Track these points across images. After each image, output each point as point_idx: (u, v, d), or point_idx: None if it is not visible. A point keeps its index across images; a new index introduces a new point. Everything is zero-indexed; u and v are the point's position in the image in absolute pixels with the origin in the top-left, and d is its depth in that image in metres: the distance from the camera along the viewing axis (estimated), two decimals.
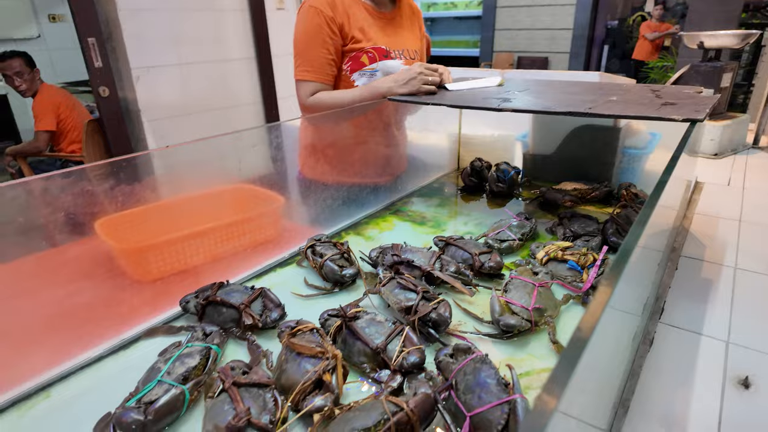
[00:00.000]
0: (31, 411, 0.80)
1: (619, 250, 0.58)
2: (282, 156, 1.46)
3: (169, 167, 1.25)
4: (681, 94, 1.28)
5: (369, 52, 1.55)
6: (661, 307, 1.13)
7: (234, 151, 1.35)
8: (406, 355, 0.82)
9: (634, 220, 0.69)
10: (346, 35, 1.51)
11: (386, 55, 1.57)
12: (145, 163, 1.18)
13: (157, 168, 1.23)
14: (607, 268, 1.09)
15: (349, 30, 1.51)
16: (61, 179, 0.94)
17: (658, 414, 0.83)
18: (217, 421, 0.68)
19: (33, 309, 0.92)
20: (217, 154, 1.32)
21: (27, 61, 3.48)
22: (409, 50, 1.67)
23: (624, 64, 8.72)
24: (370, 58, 1.55)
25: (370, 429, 0.63)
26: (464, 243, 1.20)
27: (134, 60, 3.37)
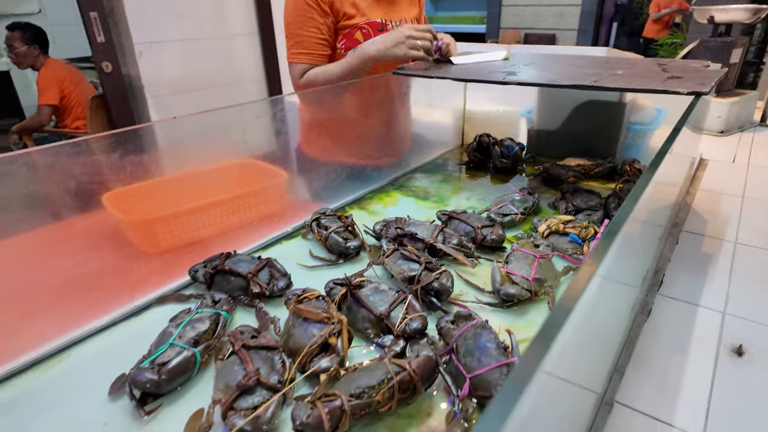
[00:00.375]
0: (49, 372, 0.84)
1: (612, 218, 0.59)
2: (286, 131, 1.47)
3: (174, 141, 1.26)
4: (688, 68, 1.27)
5: (363, 28, 1.50)
6: (660, 279, 1.15)
7: (239, 125, 1.35)
8: (409, 321, 0.84)
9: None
10: (338, 12, 1.47)
11: (381, 29, 1.53)
12: (151, 137, 1.20)
13: (163, 142, 1.24)
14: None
15: (341, 6, 1.47)
16: (71, 149, 0.95)
17: (653, 380, 0.86)
18: (228, 380, 0.71)
19: (45, 277, 0.94)
20: (222, 128, 1.33)
21: (25, 36, 3.48)
22: (407, 20, 1.62)
23: (633, 42, 8.56)
24: (365, 35, 1.51)
25: (374, 387, 0.66)
26: (467, 217, 1.22)
27: (137, 35, 3.34)
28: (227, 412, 0.67)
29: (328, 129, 1.58)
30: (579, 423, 0.73)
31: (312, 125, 1.58)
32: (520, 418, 0.38)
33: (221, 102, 4.20)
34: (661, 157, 0.72)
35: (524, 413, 0.39)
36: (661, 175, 0.82)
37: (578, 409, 0.71)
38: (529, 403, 0.40)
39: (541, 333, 0.42)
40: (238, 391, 0.68)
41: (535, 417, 0.48)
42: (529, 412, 0.42)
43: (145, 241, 1.19)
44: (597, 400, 0.80)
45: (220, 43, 3.84)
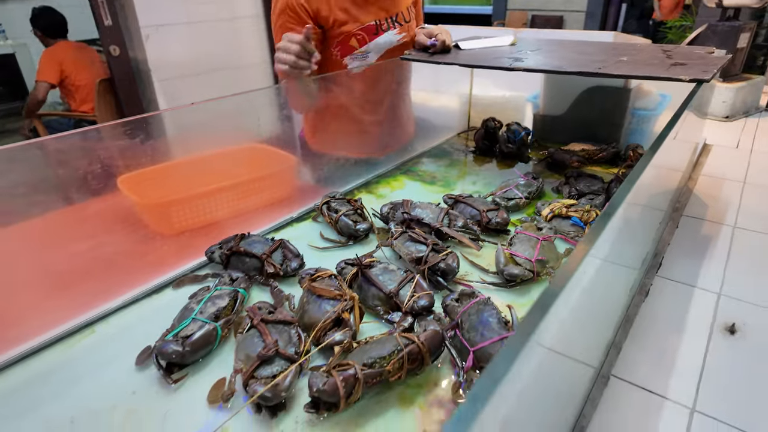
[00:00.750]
0: (77, 345, 0.89)
1: (609, 200, 0.63)
2: (294, 117, 1.50)
3: (186, 126, 1.29)
4: (692, 55, 1.29)
5: (357, 34, 1.46)
6: (659, 261, 1.19)
7: (249, 110, 1.39)
8: (417, 299, 0.89)
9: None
10: (327, 19, 1.41)
11: (376, 31, 1.49)
12: (165, 122, 1.23)
13: (176, 127, 1.28)
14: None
15: (330, 13, 1.41)
16: (87, 136, 0.99)
17: (648, 356, 0.90)
18: (249, 351, 0.76)
19: (67, 258, 0.99)
20: (233, 114, 1.36)
21: (33, 20, 3.51)
22: (403, 13, 1.56)
23: (642, 24, 8.42)
24: (360, 41, 1.48)
25: (386, 357, 0.71)
26: (473, 200, 1.26)
27: (143, 18, 3.35)
28: (248, 380, 0.72)
29: (332, 116, 1.59)
30: (576, 394, 0.78)
31: (316, 112, 1.59)
32: (514, 385, 0.42)
33: (227, 86, 4.22)
34: (659, 143, 0.75)
35: (518, 381, 0.43)
36: (660, 160, 0.85)
37: (575, 381, 0.76)
38: (522, 371, 0.44)
39: (535, 306, 0.46)
40: (258, 361, 0.73)
41: (531, 385, 0.52)
42: (522, 380, 0.46)
43: (161, 223, 1.23)
44: (594, 373, 0.85)
45: (225, 25, 3.84)
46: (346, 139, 1.61)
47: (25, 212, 0.92)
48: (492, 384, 0.37)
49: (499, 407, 0.38)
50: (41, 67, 3.53)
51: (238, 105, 1.36)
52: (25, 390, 0.80)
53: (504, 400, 0.40)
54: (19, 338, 0.87)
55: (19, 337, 0.87)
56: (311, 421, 0.71)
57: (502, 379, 0.37)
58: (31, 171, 0.92)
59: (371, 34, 1.49)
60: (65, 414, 0.74)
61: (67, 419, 0.73)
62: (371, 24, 1.47)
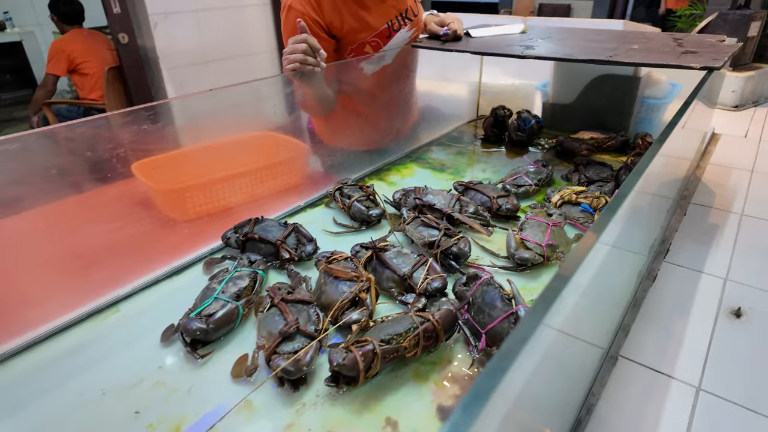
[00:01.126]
0: (105, 322, 0.93)
1: (620, 186, 0.65)
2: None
3: (200, 113, 1.31)
4: (703, 43, 1.29)
5: (371, 41, 1.47)
6: (666, 248, 1.21)
7: (260, 99, 1.41)
8: (430, 281, 0.92)
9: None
10: (340, 30, 1.41)
11: (389, 35, 1.49)
12: (176, 109, 1.26)
13: (190, 114, 1.31)
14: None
15: (342, 24, 1.40)
16: (101, 123, 1.01)
17: (656, 338, 0.93)
18: (270, 329, 0.79)
19: (88, 240, 1.02)
20: (244, 102, 1.38)
21: (52, 5, 3.54)
22: (411, 8, 1.55)
23: (651, 13, 8.32)
24: (374, 46, 1.48)
25: (402, 334, 0.74)
26: (483, 187, 1.28)
27: (151, 6, 3.35)
28: (271, 356, 0.75)
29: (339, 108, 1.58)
30: (585, 374, 0.80)
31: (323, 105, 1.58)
32: (526, 365, 0.44)
33: (235, 74, 4.22)
34: (668, 132, 0.77)
35: (528, 362, 0.45)
36: (668, 149, 0.87)
37: (585, 361, 0.79)
38: (533, 353, 0.46)
39: (545, 291, 0.48)
40: (280, 338, 0.76)
41: (542, 365, 0.55)
42: (533, 361, 0.49)
43: (175, 208, 1.26)
44: (602, 354, 0.87)
45: (232, 13, 3.83)
46: (352, 132, 1.63)
47: (48, 197, 0.95)
48: (504, 365, 0.39)
49: (509, 387, 0.41)
50: (50, 59, 3.54)
51: (251, 92, 1.38)
52: (57, 364, 0.83)
53: (514, 381, 0.43)
54: (48, 316, 0.91)
55: (47, 315, 0.91)
56: (331, 394, 0.74)
57: (513, 361, 0.39)
58: (46, 157, 0.94)
59: (384, 38, 1.49)
60: (96, 386, 0.78)
61: (98, 391, 0.77)
62: (384, 28, 1.47)
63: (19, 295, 0.91)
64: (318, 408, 0.72)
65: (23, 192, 0.90)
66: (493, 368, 0.39)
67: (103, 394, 0.76)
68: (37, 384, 0.79)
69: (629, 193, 0.66)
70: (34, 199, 0.93)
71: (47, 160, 0.94)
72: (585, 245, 0.56)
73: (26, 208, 0.93)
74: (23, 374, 0.82)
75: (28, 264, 0.93)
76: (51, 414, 0.73)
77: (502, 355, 0.40)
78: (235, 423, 0.71)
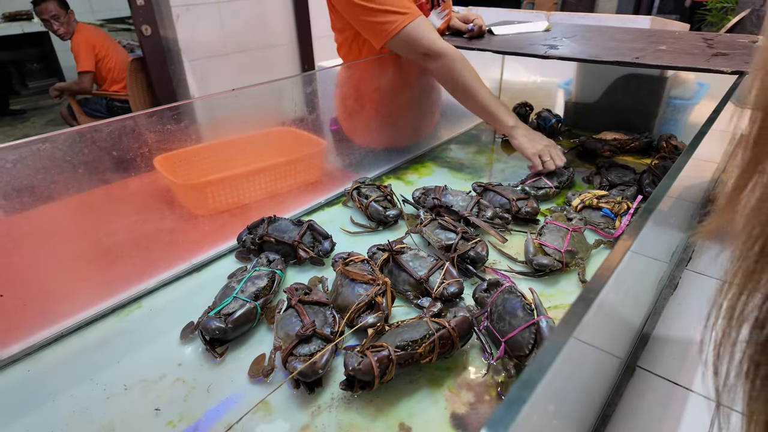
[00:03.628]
0: (128, 317, 0.96)
1: (648, 200, 0.64)
2: (325, 103, 1.52)
3: (221, 110, 1.32)
4: (734, 44, 1.25)
5: (420, 5, 1.46)
6: (689, 255, 1.19)
7: (282, 96, 1.41)
8: (447, 285, 0.92)
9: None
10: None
11: (431, 7, 1.50)
12: (199, 105, 1.27)
13: (211, 110, 1.32)
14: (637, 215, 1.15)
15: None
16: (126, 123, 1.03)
17: (675, 349, 0.91)
18: (288, 330, 0.80)
19: (112, 234, 1.05)
20: (266, 98, 1.39)
21: (61, 3, 3.53)
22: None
23: (679, 4, 8.06)
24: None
25: (417, 341, 0.74)
26: (502, 189, 1.26)
27: None
28: (287, 357, 0.77)
29: (360, 103, 1.59)
30: (603, 384, 0.80)
31: (347, 98, 1.60)
32: (552, 382, 0.44)
33: (255, 66, 4.24)
34: (699, 139, 0.75)
35: (556, 377, 0.45)
36: (697, 155, 0.85)
37: (603, 371, 0.78)
38: (560, 368, 0.46)
39: (574, 306, 0.48)
40: (297, 340, 0.77)
41: (564, 378, 0.55)
42: (559, 375, 0.49)
43: (196, 203, 1.28)
44: (620, 364, 0.86)
45: (253, 4, 3.85)
46: (376, 130, 1.63)
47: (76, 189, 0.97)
48: (534, 381, 0.39)
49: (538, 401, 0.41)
50: (79, 57, 3.57)
51: (272, 90, 1.39)
52: (84, 357, 0.86)
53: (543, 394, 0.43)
54: (77, 309, 0.94)
55: (76, 308, 0.94)
56: (346, 397, 0.75)
57: (542, 377, 0.40)
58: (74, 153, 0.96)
59: (426, 11, 1.48)
60: (119, 381, 0.80)
61: (120, 386, 0.79)
62: (423, 2, 1.45)
63: (51, 287, 0.95)
64: (333, 411, 0.73)
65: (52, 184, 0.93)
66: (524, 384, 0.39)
67: (125, 389, 0.79)
68: (65, 377, 0.82)
69: (658, 205, 0.64)
70: (62, 191, 0.95)
71: (74, 156, 0.96)
72: (612, 261, 0.56)
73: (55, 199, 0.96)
74: (52, 367, 0.85)
75: (59, 257, 0.96)
76: (77, 407, 0.76)
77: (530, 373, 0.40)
78: (252, 423, 0.72)
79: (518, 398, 0.34)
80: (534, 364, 0.41)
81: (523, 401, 0.34)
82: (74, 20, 3.60)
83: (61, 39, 3.61)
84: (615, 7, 8.22)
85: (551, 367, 0.40)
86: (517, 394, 0.34)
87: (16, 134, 5.08)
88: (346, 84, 1.56)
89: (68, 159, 0.91)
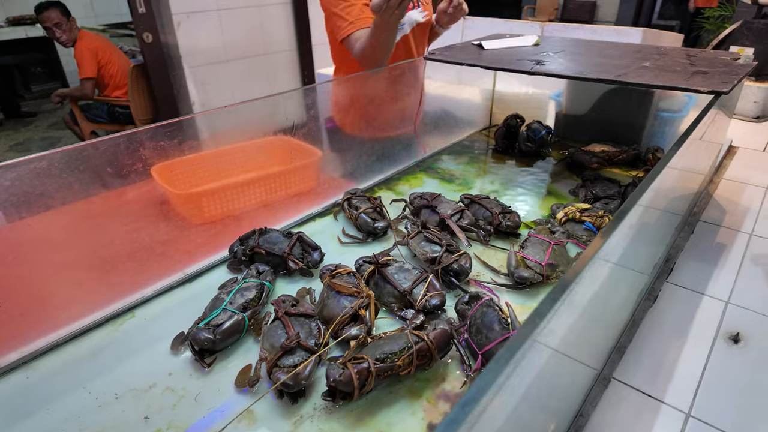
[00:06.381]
0: (121, 327, 0.99)
1: (615, 214, 0.67)
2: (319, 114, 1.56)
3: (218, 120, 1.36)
4: (716, 61, 1.28)
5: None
6: (670, 267, 1.21)
7: (278, 107, 1.45)
8: (429, 298, 0.95)
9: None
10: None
11: (411, 6, 1.56)
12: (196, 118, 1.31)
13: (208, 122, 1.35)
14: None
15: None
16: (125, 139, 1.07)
17: (650, 361, 0.94)
18: (273, 342, 0.83)
19: (109, 244, 1.08)
20: (262, 110, 1.43)
21: (63, 11, 3.57)
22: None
23: (680, 11, 8.08)
24: None
25: (397, 353, 0.77)
26: (488, 202, 1.30)
27: (175, 5, 3.43)
28: (272, 368, 0.80)
29: (360, 111, 1.65)
30: (576, 394, 0.83)
31: (344, 108, 1.65)
32: (513, 381, 0.48)
33: (255, 73, 4.27)
34: (666, 160, 0.78)
35: (515, 381, 0.49)
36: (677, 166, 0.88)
37: (575, 381, 0.81)
38: (521, 372, 0.49)
39: (536, 310, 0.51)
40: (281, 352, 0.80)
41: (530, 384, 0.58)
42: (521, 380, 0.52)
43: (192, 212, 1.31)
44: (595, 375, 0.89)
45: (253, 12, 3.89)
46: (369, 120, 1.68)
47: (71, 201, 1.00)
48: (487, 385, 0.43)
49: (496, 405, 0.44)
50: (82, 64, 3.61)
51: (267, 103, 1.43)
52: (78, 366, 0.90)
53: (501, 399, 0.46)
54: (73, 318, 0.97)
55: (73, 317, 0.97)
56: (328, 408, 0.78)
57: (496, 380, 0.43)
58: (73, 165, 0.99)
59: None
60: (111, 389, 0.83)
61: (112, 395, 0.82)
62: None
63: (47, 297, 0.98)
64: (315, 420, 0.76)
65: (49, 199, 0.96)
66: (478, 388, 0.42)
67: (116, 398, 0.82)
68: (59, 385, 0.85)
69: (626, 217, 0.67)
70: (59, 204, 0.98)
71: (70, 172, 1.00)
72: (580, 264, 0.59)
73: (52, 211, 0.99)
74: (47, 375, 0.88)
75: (55, 267, 0.99)
76: (69, 415, 0.79)
77: (485, 377, 0.43)
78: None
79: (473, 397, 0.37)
80: (489, 369, 0.44)
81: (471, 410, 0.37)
82: (76, 27, 3.65)
83: (63, 46, 3.65)
84: (616, 13, 8.27)
85: (503, 373, 0.44)
86: (467, 401, 0.37)
87: (19, 138, 5.14)
88: (341, 91, 1.62)
89: (64, 176, 0.95)
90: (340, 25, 1.55)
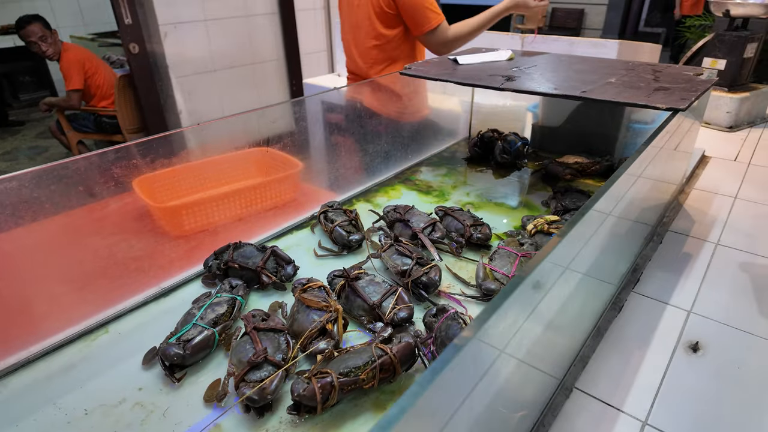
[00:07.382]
0: (94, 342, 1.00)
1: (569, 220, 0.70)
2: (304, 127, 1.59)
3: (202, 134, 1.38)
4: (679, 77, 1.33)
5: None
6: (637, 277, 1.25)
7: (263, 122, 1.48)
8: (397, 311, 0.97)
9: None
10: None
11: None
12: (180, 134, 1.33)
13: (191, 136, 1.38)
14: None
15: None
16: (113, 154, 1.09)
17: (611, 370, 0.97)
18: (241, 357, 0.85)
19: (86, 258, 1.10)
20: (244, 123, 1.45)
21: (45, 24, 3.58)
22: None
23: (667, 18, 8.23)
24: None
25: (360, 367, 0.80)
26: (460, 214, 1.33)
27: (162, 16, 3.45)
28: (239, 383, 0.82)
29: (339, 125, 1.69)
30: (536, 403, 0.85)
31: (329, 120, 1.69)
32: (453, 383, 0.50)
33: (243, 83, 4.29)
34: (618, 176, 0.81)
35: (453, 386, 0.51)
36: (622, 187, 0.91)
37: (533, 389, 0.83)
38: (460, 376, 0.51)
39: (482, 312, 0.54)
40: (248, 366, 0.82)
41: (479, 390, 0.60)
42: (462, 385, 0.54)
43: (172, 225, 1.33)
44: (556, 384, 0.92)
45: (241, 22, 3.92)
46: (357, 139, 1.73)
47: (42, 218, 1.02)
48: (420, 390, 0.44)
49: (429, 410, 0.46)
50: (68, 75, 3.62)
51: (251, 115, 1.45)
52: (49, 383, 0.91)
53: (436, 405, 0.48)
54: (46, 334, 0.98)
55: (46, 333, 0.98)
56: (293, 422, 0.80)
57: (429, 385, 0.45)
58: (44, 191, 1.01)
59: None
60: (80, 405, 0.85)
61: (81, 410, 0.84)
62: None
63: (19, 314, 0.99)
64: None
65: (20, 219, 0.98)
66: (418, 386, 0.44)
67: (86, 414, 0.83)
68: (29, 402, 0.86)
69: (576, 225, 0.70)
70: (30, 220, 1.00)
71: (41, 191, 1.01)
72: (528, 268, 0.62)
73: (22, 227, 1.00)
74: (18, 392, 0.89)
75: (27, 284, 1.00)
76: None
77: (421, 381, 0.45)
78: None
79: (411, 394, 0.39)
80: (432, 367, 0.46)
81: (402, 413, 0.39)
82: (59, 39, 3.66)
83: (49, 59, 3.65)
84: (603, 21, 8.39)
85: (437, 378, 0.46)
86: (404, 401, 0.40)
87: (6, 147, 5.11)
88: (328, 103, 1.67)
89: (35, 195, 0.96)
90: (431, 16, 1.77)
